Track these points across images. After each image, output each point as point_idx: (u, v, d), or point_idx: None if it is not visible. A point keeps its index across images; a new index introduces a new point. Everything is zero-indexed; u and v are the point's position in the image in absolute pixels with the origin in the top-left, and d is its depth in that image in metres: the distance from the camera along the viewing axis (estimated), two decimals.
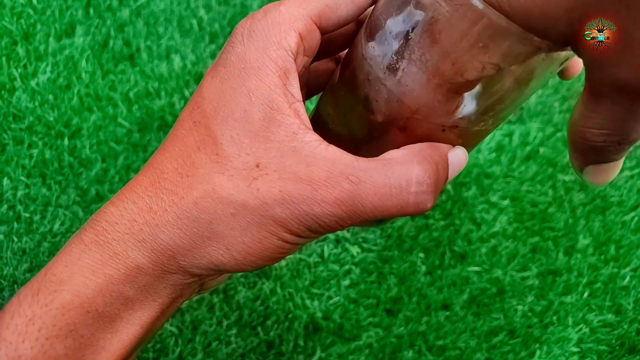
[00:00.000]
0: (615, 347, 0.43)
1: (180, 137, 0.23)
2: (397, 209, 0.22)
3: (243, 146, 0.22)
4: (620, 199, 0.50)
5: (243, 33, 0.23)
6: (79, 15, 0.52)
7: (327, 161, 0.22)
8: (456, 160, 0.24)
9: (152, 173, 0.23)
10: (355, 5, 0.24)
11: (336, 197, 0.21)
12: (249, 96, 0.22)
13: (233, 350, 0.40)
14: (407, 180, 0.22)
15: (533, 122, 0.53)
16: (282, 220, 0.22)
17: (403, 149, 0.23)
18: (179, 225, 0.22)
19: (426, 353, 0.41)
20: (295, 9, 0.23)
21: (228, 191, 0.22)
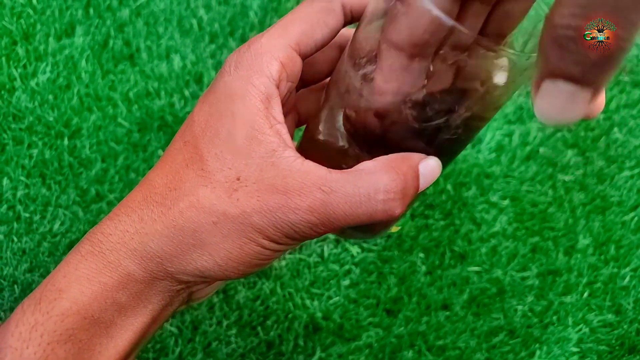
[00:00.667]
0: (615, 347, 0.43)
1: (171, 156, 0.26)
2: (367, 215, 0.24)
3: (226, 162, 0.24)
4: (620, 199, 0.50)
5: (230, 64, 0.25)
6: (78, 15, 0.52)
7: (301, 173, 0.24)
8: (428, 170, 0.25)
9: (144, 188, 0.25)
10: (328, 28, 0.26)
11: (309, 205, 0.23)
12: (233, 119, 0.24)
13: (233, 350, 0.40)
14: (375, 189, 0.24)
15: (533, 122, 0.53)
16: (260, 227, 0.24)
17: (374, 160, 0.25)
18: (166, 234, 0.24)
19: (426, 353, 0.41)
20: (275, 39, 0.25)
21: (211, 201, 0.24)
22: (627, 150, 0.52)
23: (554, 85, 0.16)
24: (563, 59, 0.16)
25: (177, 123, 0.48)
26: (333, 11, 0.26)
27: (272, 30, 0.26)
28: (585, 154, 0.52)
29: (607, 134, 0.53)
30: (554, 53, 0.16)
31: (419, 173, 0.25)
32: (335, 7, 0.26)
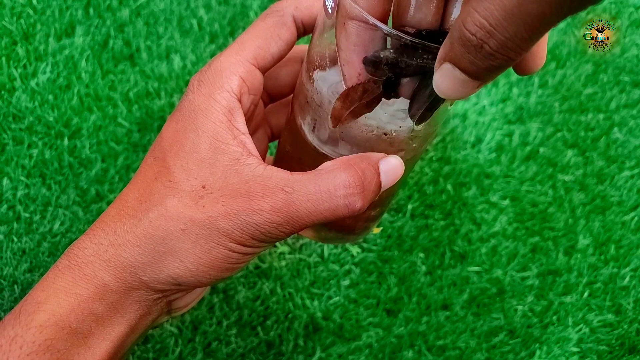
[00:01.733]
0: (615, 347, 0.43)
1: (142, 172, 0.27)
2: (330, 211, 0.25)
3: (191, 172, 0.25)
4: (620, 199, 0.50)
5: (194, 83, 0.27)
6: (79, 15, 0.52)
7: (264, 178, 0.25)
8: (389, 167, 0.27)
9: (117, 204, 0.27)
10: (282, 40, 0.28)
11: (272, 205, 0.25)
12: (197, 132, 0.26)
13: (233, 350, 0.40)
14: (335, 185, 0.25)
15: (533, 122, 0.53)
16: (226, 230, 0.25)
17: (334, 160, 0.26)
18: (138, 244, 0.25)
19: (426, 353, 0.41)
20: (233, 56, 0.27)
21: (178, 210, 0.25)
22: (627, 150, 0.52)
23: (452, 69, 0.19)
24: (463, 56, 0.18)
25: None
26: (285, 24, 0.28)
27: (230, 49, 0.28)
28: (585, 154, 0.52)
29: (607, 134, 0.53)
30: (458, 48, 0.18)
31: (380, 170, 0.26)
32: (286, 21, 0.28)
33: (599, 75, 0.57)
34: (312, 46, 0.27)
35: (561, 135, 0.53)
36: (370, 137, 0.27)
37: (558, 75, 0.56)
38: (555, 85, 0.56)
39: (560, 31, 0.59)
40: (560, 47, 0.58)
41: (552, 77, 0.56)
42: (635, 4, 0.61)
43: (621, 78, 0.57)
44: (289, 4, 0.28)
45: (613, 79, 0.57)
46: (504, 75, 0.56)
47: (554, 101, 0.55)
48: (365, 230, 0.36)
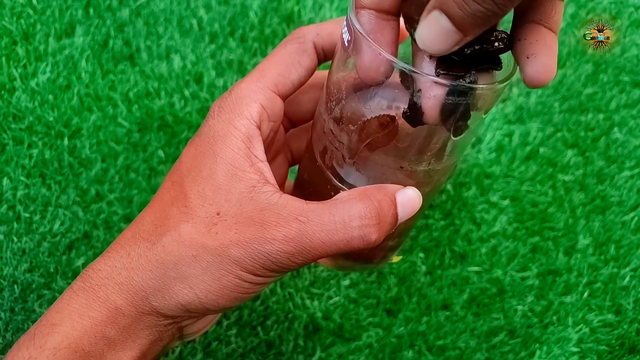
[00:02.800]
0: (615, 347, 0.43)
1: (160, 196, 0.27)
2: (344, 242, 0.25)
3: (207, 198, 0.25)
4: (620, 199, 0.50)
5: (214, 109, 0.27)
6: (78, 15, 0.52)
7: (278, 206, 0.25)
8: (406, 199, 0.26)
9: (134, 227, 0.27)
10: (303, 67, 0.28)
11: (285, 235, 0.24)
12: (215, 158, 0.26)
13: (233, 350, 0.40)
14: (350, 216, 0.25)
15: (533, 122, 0.53)
16: (238, 258, 0.24)
17: (350, 190, 0.26)
18: (150, 268, 0.25)
19: (426, 353, 0.41)
20: (254, 83, 0.27)
21: (191, 236, 0.25)
22: (627, 150, 0.52)
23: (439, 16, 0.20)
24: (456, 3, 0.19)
25: (177, 123, 0.48)
26: (305, 52, 0.28)
27: (250, 75, 0.28)
28: (585, 154, 0.52)
29: (607, 134, 0.53)
30: None
31: (397, 202, 0.26)
32: (307, 48, 0.28)
33: (599, 75, 0.57)
34: (330, 77, 0.27)
35: (561, 135, 0.53)
36: (386, 170, 0.27)
37: (558, 75, 0.56)
38: (555, 85, 0.56)
39: (561, 31, 0.59)
40: (560, 47, 0.58)
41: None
42: (635, 4, 0.61)
43: (621, 78, 0.57)
44: (309, 30, 0.28)
45: (613, 79, 0.57)
46: None
47: (554, 101, 0.55)
48: (384, 260, 0.36)
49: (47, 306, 0.39)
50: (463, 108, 0.24)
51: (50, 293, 0.39)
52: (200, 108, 0.49)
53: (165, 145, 0.47)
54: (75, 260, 0.41)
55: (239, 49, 0.53)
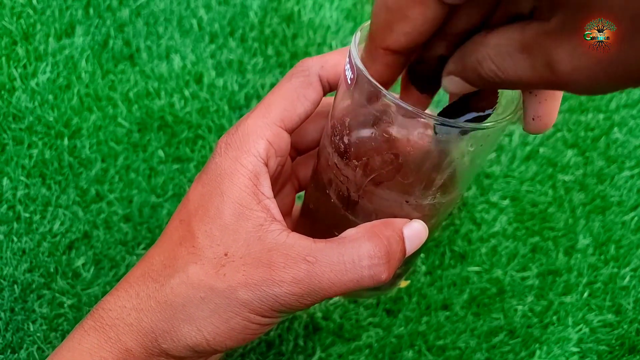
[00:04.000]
0: (615, 347, 0.43)
1: (168, 234, 0.27)
2: (354, 282, 0.25)
3: (214, 238, 0.25)
4: (620, 199, 0.50)
5: (221, 146, 0.27)
6: (78, 15, 0.52)
7: (286, 246, 0.25)
8: (413, 233, 0.26)
9: (143, 265, 0.27)
10: (309, 100, 0.28)
11: (293, 276, 0.24)
12: (222, 197, 0.26)
13: (233, 350, 0.40)
14: (359, 255, 0.25)
15: None
16: (246, 301, 0.24)
17: (358, 227, 0.26)
18: (159, 310, 0.25)
19: (426, 353, 0.41)
20: (260, 119, 0.27)
21: (199, 277, 0.25)
22: (627, 150, 0.52)
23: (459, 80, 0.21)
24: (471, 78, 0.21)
25: (177, 123, 0.48)
26: (311, 85, 0.28)
27: (256, 111, 0.28)
28: (585, 154, 0.52)
29: (607, 134, 0.53)
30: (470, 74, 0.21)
31: (404, 236, 0.26)
32: (312, 81, 0.28)
33: None
34: (333, 111, 0.27)
35: (561, 135, 0.53)
36: (392, 203, 0.27)
37: None
38: None
39: None
40: None
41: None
42: None
43: None
44: (314, 62, 0.28)
45: None
46: None
47: None
48: (392, 286, 0.36)
49: (47, 306, 0.39)
50: None
51: (50, 293, 0.39)
52: (200, 108, 0.49)
53: (165, 145, 0.47)
54: (75, 260, 0.41)
55: (239, 49, 0.54)
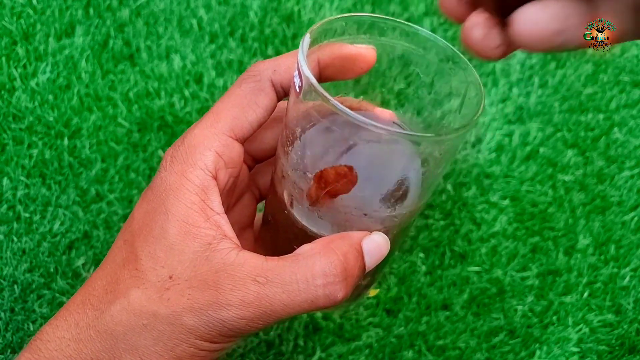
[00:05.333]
0: (615, 347, 0.43)
1: (112, 256, 0.25)
2: (308, 303, 0.23)
3: (158, 260, 0.23)
4: (620, 199, 0.50)
5: (167, 159, 0.25)
6: (78, 15, 0.52)
7: (235, 266, 0.23)
8: (373, 247, 0.25)
9: (84, 291, 0.25)
10: (261, 107, 0.26)
11: (241, 299, 0.22)
12: (167, 215, 0.24)
13: (233, 350, 0.40)
14: (313, 274, 0.23)
15: (533, 122, 0.53)
16: (191, 327, 0.23)
17: (313, 242, 0.24)
18: (99, 340, 0.23)
19: (426, 353, 0.41)
20: (207, 129, 0.25)
21: (141, 303, 0.23)
22: (627, 150, 0.52)
23: None
24: None
25: (177, 123, 0.48)
26: (263, 90, 0.26)
27: (204, 120, 0.26)
28: (585, 154, 0.52)
29: (607, 134, 0.53)
30: None
31: (363, 251, 0.24)
32: (264, 86, 0.26)
33: (599, 75, 0.57)
34: (286, 120, 0.26)
35: (561, 135, 0.53)
36: (350, 217, 0.25)
37: (558, 75, 0.56)
38: (555, 85, 0.56)
39: None
40: None
41: (552, 77, 0.56)
42: None
43: (621, 78, 0.57)
44: (266, 67, 0.26)
45: (613, 79, 0.57)
46: (504, 75, 0.56)
47: (554, 101, 0.55)
48: (359, 297, 0.34)
49: (47, 306, 0.39)
50: None
51: (50, 293, 0.39)
52: (200, 108, 0.49)
53: (165, 145, 0.47)
54: (75, 260, 0.41)
55: (239, 49, 0.54)
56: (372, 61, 0.27)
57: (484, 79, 0.55)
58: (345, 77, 0.28)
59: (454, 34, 0.58)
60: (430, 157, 0.25)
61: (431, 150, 0.24)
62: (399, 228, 0.27)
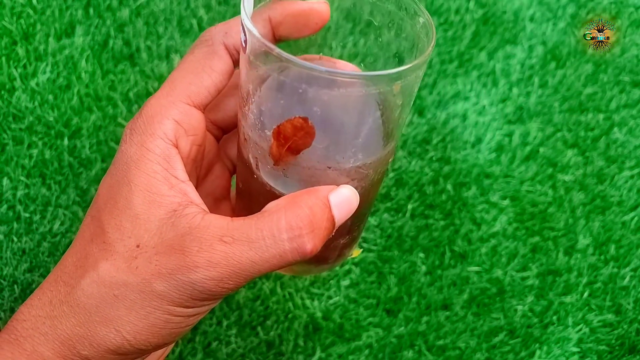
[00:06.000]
0: (615, 347, 0.43)
1: (81, 233, 0.25)
2: (277, 258, 0.23)
3: (125, 231, 0.23)
4: (620, 199, 0.50)
5: (127, 133, 0.25)
6: (78, 15, 0.52)
7: (200, 228, 0.23)
8: (341, 199, 0.24)
9: (56, 270, 0.25)
10: (216, 71, 0.26)
11: (208, 259, 0.22)
12: (130, 186, 0.24)
13: (233, 350, 0.40)
14: (279, 228, 0.22)
15: (533, 122, 0.53)
16: (162, 292, 0.22)
17: (279, 199, 0.24)
18: (72, 314, 0.23)
19: (426, 353, 0.41)
20: (164, 98, 0.25)
21: (110, 274, 0.23)
22: (627, 150, 0.52)
23: None
24: None
25: None
26: (216, 54, 0.26)
27: (160, 90, 0.26)
28: (585, 154, 0.52)
29: (607, 134, 0.53)
30: None
31: (330, 204, 0.24)
32: (217, 50, 0.26)
33: (599, 75, 0.57)
34: (240, 81, 0.26)
35: (561, 135, 0.53)
36: (314, 172, 0.25)
37: (558, 75, 0.56)
38: (555, 85, 0.56)
39: (560, 31, 0.59)
40: (560, 47, 0.58)
41: (552, 77, 0.56)
42: (635, 4, 0.61)
43: (621, 78, 0.57)
44: (217, 30, 0.26)
45: (613, 79, 0.57)
46: (504, 75, 0.56)
47: (554, 101, 0.55)
48: (341, 257, 0.34)
49: None
50: None
51: None
52: None
53: None
54: None
55: None
56: (326, 16, 0.26)
57: (484, 79, 0.55)
58: (300, 34, 0.27)
59: (453, 34, 0.58)
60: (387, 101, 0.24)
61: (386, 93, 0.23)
62: (368, 181, 0.27)
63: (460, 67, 0.56)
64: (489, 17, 0.60)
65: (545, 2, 0.62)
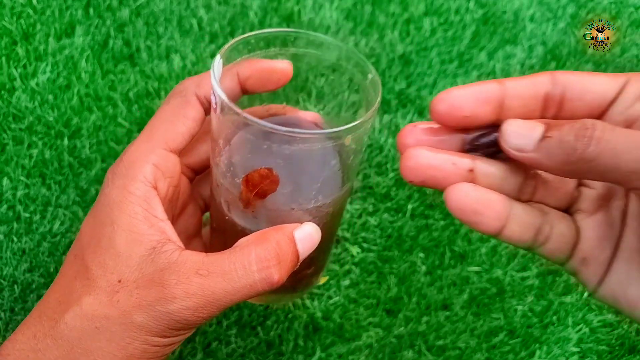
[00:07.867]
0: (615, 347, 0.43)
1: (64, 271, 0.27)
2: (248, 288, 0.25)
3: (108, 268, 0.25)
4: None
5: (109, 177, 0.27)
6: (78, 15, 0.52)
7: (177, 263, 0.25)
8: (305, 235, 0.27)
9: (40, 305, 0.26)
10: (189, 119, 0.29)
11: (185, 291, 0.24)
12: (113, 226, 0.26)
13: (233, 350, 0.40)
14: (249, 261, 0.25)
15: None
16: (141, 323, 0.24)
17: (250, 235, 0.27)
18: (55, 347, 0.25)
19: (426, 353, 0.41)
20: (144, 144, 0.28)
21: (93, 307, 0.25)
22: None
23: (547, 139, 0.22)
24: None
25: None
26: (189, 103, 0.29)
27: (140, 137, 0.28)
28: None
29: None
30: None
31: (295, 239, 0.27)
32: (190, 99, 0.29)
33: None
34: (211, 133, 0.28)
35: None
36: (280, 213, 0.28)
37: None
38: None
39: (560, 31, 0.59)
40: (560, 47, 0.58)
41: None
42: (635, 4, 0.61)
43: None
44: (190, 83, 0.29)
45: None
46: (504, 75, 0.56)
47: None
48: (308, 286, 0.37)
49: None
50: None
51: None
52: None
53: None
54: None
55: None
56: (288, 73, 0.30)
57: (484, 79, 0.55)
58: (266, 89, 0.30)
59: (453, 34, 0.58)
60: (341, 150, 0.28)
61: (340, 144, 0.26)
62: (329, 217, 0.30)
63: (460, 67, 0.56)
64: (489, 17, 0.60)
65: (545, 2, 0.62)
